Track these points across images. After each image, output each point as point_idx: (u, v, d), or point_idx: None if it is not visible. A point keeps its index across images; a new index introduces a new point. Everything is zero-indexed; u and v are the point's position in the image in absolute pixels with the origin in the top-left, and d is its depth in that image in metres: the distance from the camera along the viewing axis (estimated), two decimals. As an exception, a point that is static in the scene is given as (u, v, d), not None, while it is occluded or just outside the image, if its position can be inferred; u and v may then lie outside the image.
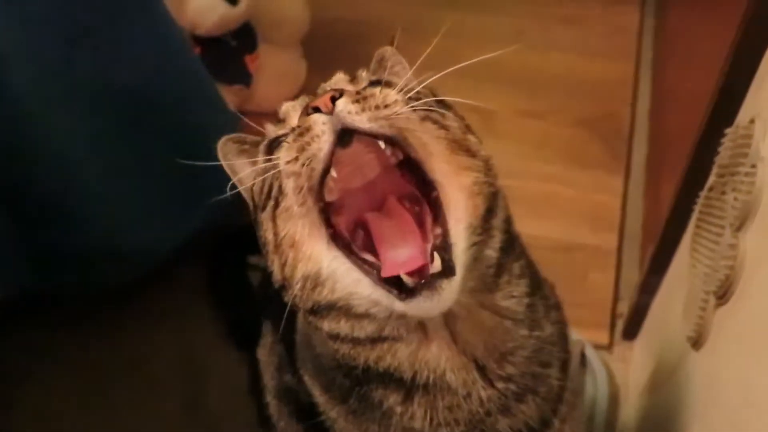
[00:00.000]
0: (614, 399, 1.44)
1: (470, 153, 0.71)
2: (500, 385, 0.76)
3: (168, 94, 1.50)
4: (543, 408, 0.79)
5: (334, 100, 0.64)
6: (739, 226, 0.83)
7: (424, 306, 0.63)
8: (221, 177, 1.73)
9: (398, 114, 0.64)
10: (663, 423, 1.10)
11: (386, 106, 0.64)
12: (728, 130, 0.97)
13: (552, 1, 2.57)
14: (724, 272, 0.84)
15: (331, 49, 2.48)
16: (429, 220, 0.68)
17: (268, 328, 1.12)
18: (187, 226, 1.57)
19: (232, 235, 1.51)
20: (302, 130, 0.64)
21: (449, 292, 0.63)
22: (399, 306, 0.64)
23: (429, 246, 0.66)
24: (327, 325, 0.71)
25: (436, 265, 0.63)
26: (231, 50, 2.01)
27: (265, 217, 0.70)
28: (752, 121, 0.87)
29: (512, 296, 0.75)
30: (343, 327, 0.70)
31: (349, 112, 0.63)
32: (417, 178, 0.69)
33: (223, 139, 0.83)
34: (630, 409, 1.40)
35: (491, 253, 0.72)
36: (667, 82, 2.01)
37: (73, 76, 1.28)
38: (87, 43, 1.31)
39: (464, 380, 0.74)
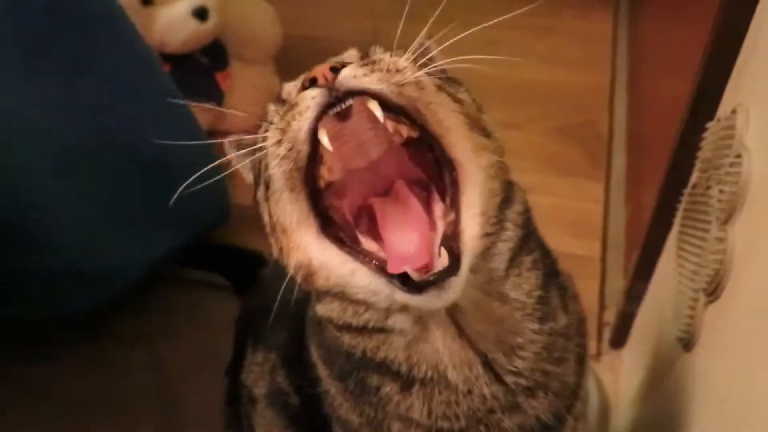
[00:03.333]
0: (604, 410, 1.40)
1: (486, 133, 0.66)
2: (509, 379, 0.70)
3: (135, 112, 1.46)
4: (556, 404, 0.74)
5: (336, 70, 0.58)
6: (726, 218, 0.81)
7: (429, 301, 0.59)
8: (190, 199, 1.70)
9: (410, 79, 0.59)
10: (657, 429, 1.07)
11: (397, 71, 0.59)
12: (710, 124, 0.95)
13: (526, 12, 2.56)
14: (713, 267, 0.82)
15: (305, 67, 2.45)
16: (438, 206, 0.64)
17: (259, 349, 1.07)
18: (154, 249, 1.52)
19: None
20: (288, 107, 0.60)
21: (455, 289, 0.59)
22: (401, 296, 0.60)
23: (438, 236, 0.61)
24: (322, 309, 0.68)
25: (443, 261, 0.58)
26: (201, 68, 1.97)
27: (260, 197, 0.67)
28: (734, 112, 0.85)
29: (522, 288, 0.70)
30: (337, 313, 0.67)
31: (355, 76, 0.58)
32: (425, 159, 0.64)
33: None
34: (621, 419, 1.37)
35: (504, 246, 0.67)
36: (643, 87, 2.01)
37: (33, 92, 1.24)
38: (48, 57, 1.27)
39: (466, 377, 0.69)
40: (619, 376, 1.48)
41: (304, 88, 0.59)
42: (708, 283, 0.83)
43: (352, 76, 0.58)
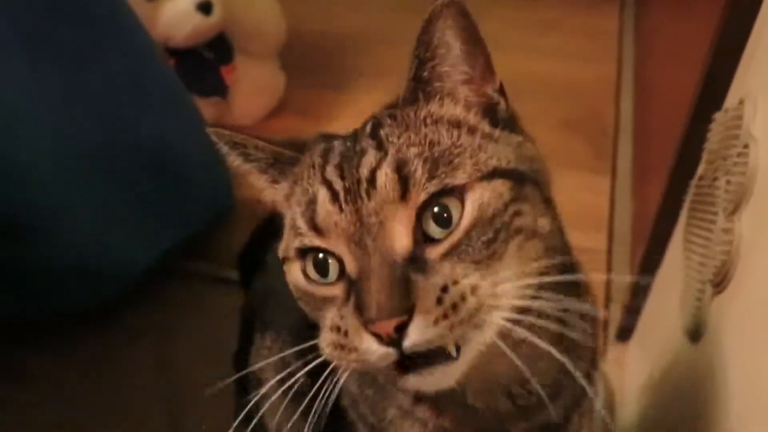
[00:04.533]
0: (610, 404, 1.40)
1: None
2: (521, 402, 0.70)
3: (139, 107, 1.47)
4: (567, 406, 0.74)
5: (400, 328, 0.54)
6: (734, 209, 0.80)
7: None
8: (194, 194, 1.70)
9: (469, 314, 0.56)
10: (663, 422, 1.06)
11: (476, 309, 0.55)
12: (716, 115, 0.94)
13: (530, 6, 2.56)
14: (720, 258, 0.81)
15: (310, 61, 2.46)
16: None
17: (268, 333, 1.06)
18: (159, 244, 1.53)
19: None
20: (350, 345, 0.58)
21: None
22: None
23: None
24: None
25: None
26: (206, 62, 1.97)
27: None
28: (741, 102, 0.85)
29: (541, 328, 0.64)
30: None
31: (429, 342, 0.55)
32: None
33: (213, 132, 0.70)
34: (627, 413, 1.36)
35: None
36: (649, 80, 2.00)
37: (36, 88, 1.24)
38: (52, 53, 1.27)
39: (486, 401, 0.69)
40: (625, 370, 1.48)
41: (364, 324, 0.56)
42: (715, 274, 0.83)
43: (423, 342, 0.55)
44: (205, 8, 1.84)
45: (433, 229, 0.59)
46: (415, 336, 0.54)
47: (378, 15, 2.69)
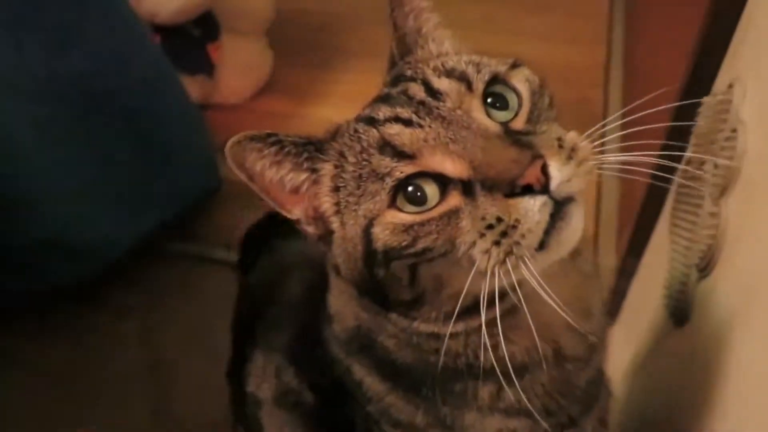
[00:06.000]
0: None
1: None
2: (590, 339, 0.73)
3: (124, 83, 1.45)
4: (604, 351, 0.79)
5: (542, 169, 0.56)
6: (720, 193, 0.80)
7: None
8: (179, 172, 1.68)
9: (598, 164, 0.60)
10: (647, 406, 1.07)
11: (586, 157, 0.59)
12: (705, 99, 0.94)
13: (521, -13, 2.55)
14: (705, 243, 0.81)
15: (298, 40, 2.44)
16: None
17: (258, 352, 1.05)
18: (143, 222, 1.51)
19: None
20: (507, 227, 0.57)
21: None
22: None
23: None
24: (425, 327, 0.67)
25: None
26: (193, 39, 1.95)
27: (397, 264, 0.63)
28: (731, 86, 0.84)
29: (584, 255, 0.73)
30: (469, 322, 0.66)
31: (569, 180, 0.57)
32: None
33: (239, 137, 0.64)
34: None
35: None
36: (638, 64, 1.99)
37: (18, 60, 1.22)
38: (35, 25, 1.24)
39: (573, 341, 0.72)
40: (609, 353, 1.48)
41: (512, 192, 0.57)
42: (700, 258, 0.83)
43: (567, 179, 0.57)
44: (192, -15, 1.81)
45: (501, 115, 0.63)
46: (557, 174, 0.57)
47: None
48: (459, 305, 0.61)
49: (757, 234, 0.71)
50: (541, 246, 0.58)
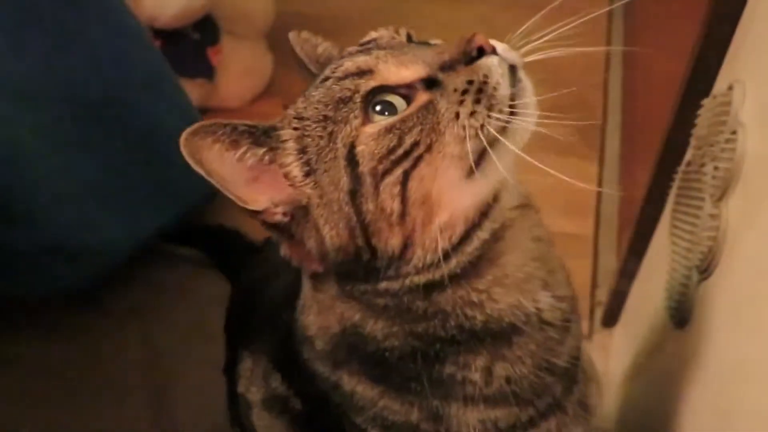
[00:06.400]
0: (596, 382, 1.40)
1: None
2: (563, 305, 0.74)
3: (124, 86, 1.45)
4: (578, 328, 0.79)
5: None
6: (721, 195, 0.80)
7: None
8: (178, 175, 1.68)
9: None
10: (647, 408, 1.07)
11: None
12: (705, 101, 0.94)
13: (520, -11, 2.55)
14: (706, 244, 0.81)
15: (298, 44, 2.44)
16: None
17: (246, 354, 1.05)
18: (142, 226, 1.51)
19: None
20: (480, 85, 0.63)
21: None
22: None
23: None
24: (418, 278, 0.67)
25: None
26: (192, 43, 1.95)
27: (387, 183, 0.63)
28: (730, 88, 0.84)
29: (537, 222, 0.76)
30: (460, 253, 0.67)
31: (509, 51, 0.65)
32: None
33: (194, 127, 0.63)
34: (612, 398, 1.37)
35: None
36: (638, 66, 1.99)
37: (19, 63, 1.22)
38: (35, 27, 1.25)
39: (548, 303, 0.73)
40: (610, 355, 1.49)
41: (468, 56, 0.64)
42: (701, 260, 0.83)
43: (506, 50, 0.65)
44: (191, -12, 1.81)
45: None
46: (498, 44, 0.65)
47: (366, -1, 2.67)
48: (451, 235, 0.65)
49: (758, 235, 0.71)
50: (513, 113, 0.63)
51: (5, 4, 1.20)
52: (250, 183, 0.66)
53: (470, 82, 0.63)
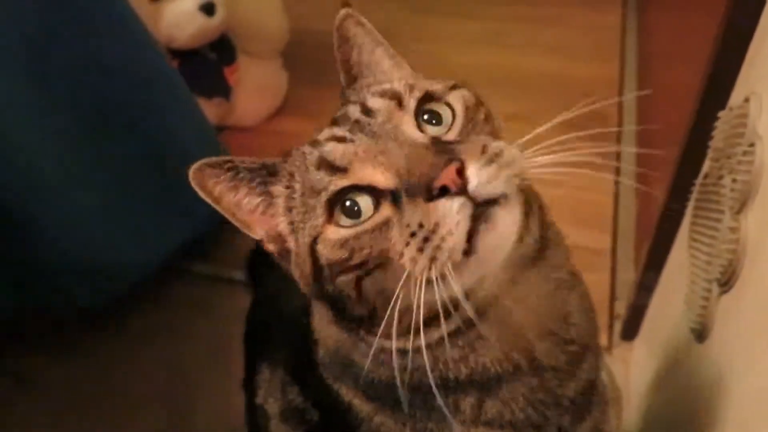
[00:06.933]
0: (616, 403, 1.39)
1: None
2: (571, 348, 0.72)
3: (141, 107, 1.47)
4: (595, 360, 0.77)
5: (459, 172, 0.57)
6: (740, 208, 0.80)
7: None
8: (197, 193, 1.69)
9: (521, 170, 0.60)
10: (670, 422, 1.06)
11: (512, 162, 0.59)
12: (721, 113, 0.94)
13: (531, 2, 2.56)
14: (726, 257, 0.81)
15: (312, 61, 2.45)
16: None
17: (264, 366, 1.05)
18: (162, 244, 1.52)
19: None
20: (428, 233, 0.58)
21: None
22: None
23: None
24: (398, 343, 0.67)
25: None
26: (209, 63, 1.97)
27: (342, 279, 0.64)
28: (747, 100, 0.84)
29: (556, 260, 0.72)
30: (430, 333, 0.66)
31: (488, 181, 0.57)
32: None
33: (199, 165, 0.68)
34: (633, 412, 1.36)
35: (533, 224, 0.68)
36: (652, 78, 1.99)
37: (37, 85, 1.24)
38: (54, 53, 1.27)
39: (548, 350, 0.71)
40: (630, 369, 1.47)
41: (429, 196, 0.58)
42: (721, 273, 0.82)
43: (485, 181, 0.57)
44: (208, 9, 1.84)
45: (435, 130, 0.66)
46: (475, 175, 0.57)
47: (380, 13, 2.66)
48: (413, 319, 0.61)
49: (778, 248, 0.71)
50: (469, 252, 0.58)
51: (26, 32, 1.22)
52: (249, 216, 0.71)
53: (421, 225, 0.58)
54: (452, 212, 0.57)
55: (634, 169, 1.90)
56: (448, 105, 0.67)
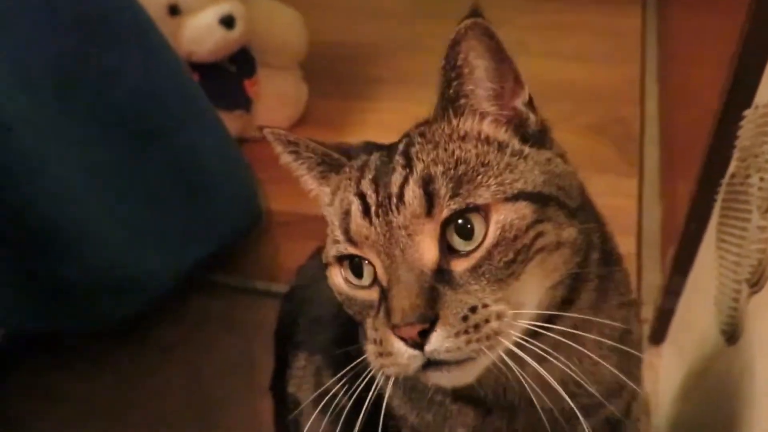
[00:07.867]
0: (645, 408, 1.37)
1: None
2: (583, 401, 0.69)
3: (164, 121, 1.48)
4: (628, 400, 0.76)
5: (423, 332, 0.58)
6: (768, 207, 0.79)
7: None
8: (220, 206, 1.71)
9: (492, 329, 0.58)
10: (698, 426, 1.04)
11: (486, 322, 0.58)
12: (747, 112, 0.93)
13: (551, 9, 2.55)
14: (755, 257, 0.80)
15: (331, 72, 2.47)
16: None
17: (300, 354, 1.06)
18: (186, 257, 1.53)
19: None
20: (384, 352, 0.61)
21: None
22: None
23: None
24: None
25: None
26: (229, 76, 1.99)
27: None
28: (773, 97, 0.83)
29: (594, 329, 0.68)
30: None
31: (447, 350, 0.58)
32: None
33: (268, 131, 0.73)
34: (662, 418, 1.34)
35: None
36: (674, 81, 1.97)
37: (65, 104, 1.26)
38: (80, 70, 1.29)
39: (546, 402, 0.68)
40: (658, 374, 1.45)
41: (392, 327, 0.59)
42: (751, 273, 0.81)
43: (444, 351, 0.58)
44: (227, 22, 1.85)
45: (457, 242, 0.61)
46: (436, 344, 0.58)
47: (397, 23, 2.69)
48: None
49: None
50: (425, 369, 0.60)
51: (49, 46, 1.24)
52: (309, 191, 0.76)
53: (375, 342, 0.62)
54: (403, 356, 0.59)
55: (658, 172, 1.90)
56: (486, 222, 0.60)
